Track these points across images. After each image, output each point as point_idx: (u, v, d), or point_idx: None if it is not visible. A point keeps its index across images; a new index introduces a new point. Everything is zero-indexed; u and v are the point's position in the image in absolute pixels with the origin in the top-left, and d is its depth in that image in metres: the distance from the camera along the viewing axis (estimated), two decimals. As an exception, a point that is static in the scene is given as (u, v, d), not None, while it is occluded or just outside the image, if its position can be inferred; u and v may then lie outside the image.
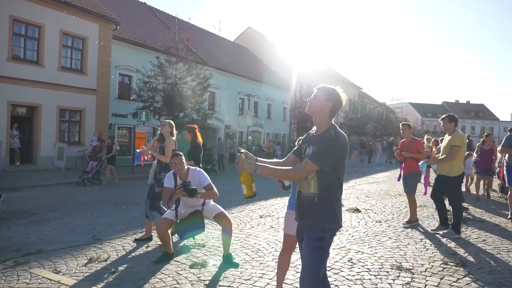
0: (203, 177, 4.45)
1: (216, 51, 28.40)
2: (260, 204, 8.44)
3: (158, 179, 5.26)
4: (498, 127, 74.27)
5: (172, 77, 16.75)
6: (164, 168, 5.26)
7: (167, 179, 4.46)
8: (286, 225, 3.34)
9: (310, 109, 2.44)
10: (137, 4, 25.91)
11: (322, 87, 2.46)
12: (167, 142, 5.30)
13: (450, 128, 5.80)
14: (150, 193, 5.28)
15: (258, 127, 29.88)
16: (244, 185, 2.37)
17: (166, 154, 5.20)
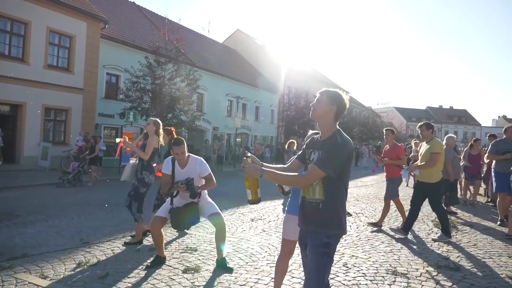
0: (204, 167, 4.30)
1: (205, 52, 28.27)
2: (251, 207, 8.34)
3: (140, 179, 5.10)
4: (480, 132, 75.79)
5: (161, 78, 16.57)
6: (146, 167, 5.12)
7: (165, 165, 4.27)
8: (285, 230, 3.28)
9: (314, 114, 2.39)
10: (126, 4, 25.62)
11: (324, 91, 2.41)
12: (149, 140, 5.13)
13: (427, 136, 5.86)
14: (135, 195, 5.13)
15: (246, 130, 29.82)
16: (249, 190, 2.30)
17: (147, 151, 5.06)
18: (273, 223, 6.81)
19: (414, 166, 5.88)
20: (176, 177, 4.20)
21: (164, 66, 16.77)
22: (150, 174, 5.19)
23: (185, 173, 4.18)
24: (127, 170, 5.34)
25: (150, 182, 5.21)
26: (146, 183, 5.13)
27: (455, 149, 17.50)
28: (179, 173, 4.20)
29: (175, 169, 4.22)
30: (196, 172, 4.24)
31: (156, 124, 5.26)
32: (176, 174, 4.21)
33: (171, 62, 16.99)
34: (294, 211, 3.25)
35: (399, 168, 6.43)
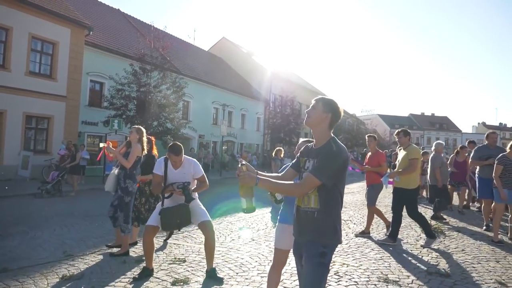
0: (198, 169, 4.23)
1: (191, 60, 28.17)
2: (238, 215, 8.26)
3: (123, 188, 4.98)
4: (461, 138, 77.41)
5: (146, 85, 16.40)
6: (129, 176, 5.00)
7: (158, 165, 4.16)
8: (278, 239, 3.21)
9: (309, 121, 2.35)
10: (111, 11, 25.38)
11: (320, 98, 2.39)
12: (133, 148, 5.01)
13: (405, 142, 5.93)
14: (121, 204, 4.99)
15: (232, 137, 29.72)
16: (244, 199, 2.23)
17: (130, 159, 4.94)
18: (262, 231, 6.73)
19: (395, 172, 5.90)
20: (169, 177, 4.09)
21: (149, 74, 16.60)
22: (134, 183, 5.09)
23: (178, 174, 4.08)
24: (111, 180, 5.19)
25: (134, 190, 5.11)
26: (130, 192, 5.02)
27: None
28: (172, 174, 4.09)
29: (167, 169, 4.10)
30: (190, 173, 4.15)
31: (139, 132, 5.15)
32: (168, 175, 4.09)
33: (156, 70, 16.85)
34: (286, 220, 3.20)
35: (379, 174, 6.45)
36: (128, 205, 5.02)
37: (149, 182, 5.50)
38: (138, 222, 5.50)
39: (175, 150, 4.03)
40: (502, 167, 5.91)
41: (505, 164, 5.89)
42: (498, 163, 5.95)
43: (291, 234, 3.22)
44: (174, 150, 4.03)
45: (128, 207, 5.04)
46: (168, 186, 4.00)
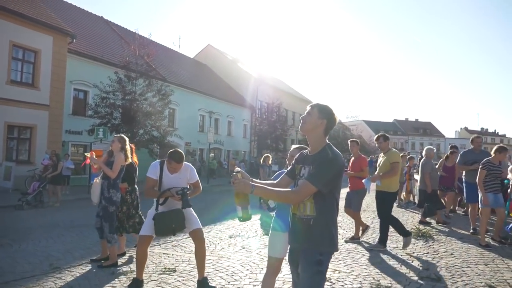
0: (194, 174, 4.18)
1: (176, 67, 28.08)
2: (228, 223, 8.20)
3: (107, 197, 4.88)
4: (444, 143, 78.90)
5: (131, 93, 16.25)
6: (113, 185, 4.91)
7: (153, 168, 4.05)
8: (271, 247, 3.18)
9: (304, 128, 2.35)
10: (94, 18, 25.15)
11: (315, 104, 2.39)
12: (116, 157, 4.91)
13: (385, 147, 6.00)
14: (105, 215, 4.89)
15: (219, 144, 29.64)
16: (240, 207, 2.20)
17: (114, 169, 4.85)
18: (252, 239, 6.68)
19: (376, 176, 5.92)
20: (164, 182, 4.00)
21: (134, 81, 16.47)
22: (118, 192, 5.00)
23: (174, 178, 4.01)
24: (97, 191, 5.07)
25: (118, 200, 5.02)
26: (114, 201, 4.94)
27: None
28: (168, 179, 4.01)
29: (163, 174, 4.02)
30: (185, 178, 4.09)
31: (121, 140, 5.06)
32: (164, 180, 4.01)
33: (142, 77, 16.73)
34: (280, 228, 3.18)
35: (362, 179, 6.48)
36: (112, 215, 4.93)
37: (130, 190, 5.46)
38: (122, 232, 5.40)
39: (177, 158, 3.95)
40: (486, 172, 5.98)
41: (488, 169, 5.98)
42: (482, 168, 6.04)
43: (284, 242, 3.20)
44: (177, 158, 3.94)
45: (113, 217, 4.94)
46: (166, 191, 3.91)
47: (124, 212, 5.39)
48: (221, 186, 19.18)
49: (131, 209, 5.43)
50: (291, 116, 41.12)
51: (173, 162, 3.93)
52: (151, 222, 3.95)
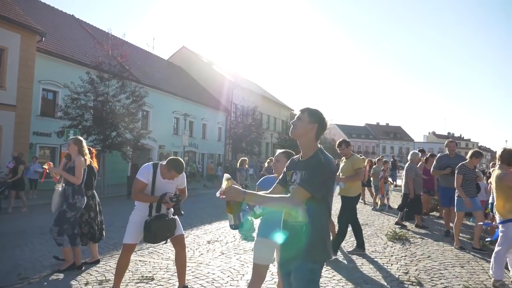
0: (183, 179, 4.05)
1: (150, 69, 27.56)
2: (205, 228, 8.05)
3: (71, 203, 4.67)
4: (413, 147, 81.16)
5: (104, 95, 15.79)
6: (78, 191, 4.71)
7: (145, 171, 3.82)
8: (257, 254, 3.10)
9: (295, 133, 2.28)
10: (65, 17, 24.29)
11: (305, 108, 2.33)
12: (76, 162, 4.69)
13: (347, 153, 6.01)
14: (59, 218, 4.68)
15: (193, 147, 29.27)
16: (231, 215, 2.10)
17: (77, 175, 4.64)
18: (231, 244, 6.56)
19: (339, 178, 5.85)
20: (156, 187, 3.82)
21: (107, 82, 16.01)
22: (82, 197, 4.80)
23: (166, 183, 3.84)
24: (56, 199, 4.82)
25: (82, 205, 4.81)
26: (77, 207, 4.73)
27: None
28: (160, 184, 3.82)
29: (156, 178, 3.82)
30: (176, 183, 3.94)
31: (77, 143, 4.83)
32: (156, 184, 3.82)
33: (115, 78, 16.28)
34: (266, 234, 3.10)
35: None
36: (67, 220, 4.70)
37: (91, 195, 5.21)
38: (94, 239, 5.19)
39: (180, 169, 3.78)
40: (462, 176, 6.07)
41: (464, 174, 6.06)
42: (458, 173, 6.10)
43: (270, 248, 3.14)
44: (180, 169, 3.77)
45: (68, 221, 4.71)
46: (162, 197, 3.73)
47: (92, 217, 5.18)
48: (197, 189, 18.90)
49: (91, 214, 5.19)
50: (266, 120, 41.23)
51: (173, 172, 3.75)
52: (137, 229, 3.78)
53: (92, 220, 5.18)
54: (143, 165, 3.93)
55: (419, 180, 8.21)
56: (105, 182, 15.92)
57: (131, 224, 3.84)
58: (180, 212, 3.76)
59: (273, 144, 40.89)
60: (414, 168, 8.10)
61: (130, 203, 14.35)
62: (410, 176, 7.98)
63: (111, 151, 16.21)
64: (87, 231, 5.14)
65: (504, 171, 4.44)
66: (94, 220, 5.19)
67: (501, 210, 4.43)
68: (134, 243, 3.85)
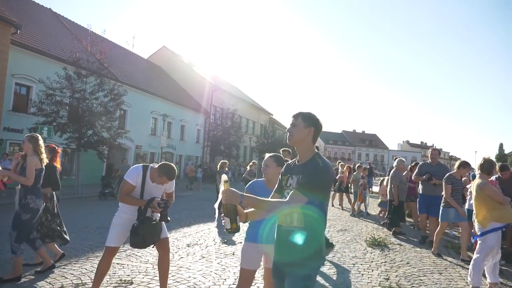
0: (172, 184, 3.90)
1: (129, 67, 27.06)
2: (184, 231, 7.91)
3: (23, 204, 4.37)
4: (388, 154, 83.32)
5: (81, 91, 15.35)
6: (31, 191, 4.39)
7: (134, 173, 3.65)
8: (244, 259, 3.03)
9: (293, 139, 2.25)
10: (41, 10, 23.53)
11: (298, 114, 2.28)
12: (28, 161, 4.36)
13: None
14: (16, 222, 4.38)
15: (171, 149, 28.88)
16: (228, 218, 2.03)
17: (28, 175, 4.31)
18: (211, 248, 6.46)
19: None
20: (145, 190, 3.68)
21: (85, 79, 15.58)
22: (37, 198, 4.46)
23: (154, 187, 3.70)
24: (17, 200, 4.57)
25: (37, 207, 4.47)
26: (31, 208, 4.39)
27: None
28: (149, 187, 3.68)
29: (145, 181, 3.67)
30: (164, 187, 3.80)
31: (32, 140, 4.47)
32: (145, 188, 3.68)
33: (93, 75, 15.86)
34: (253, 239, 3.04)
35: None
36: (24, 223, 4.38)
37: (51, 197, 5.00)
38: (53, 239, 4.99)
39: (172, 176, 3.65)
40: (451, 186, 6.03)
41: (452, 183, 6.04)
42: (446, 183, 6.07)
43: (258, 253, 3.08)
44: (171, 176, 3.64)
45: (25, 226, 4.40)
46: (150, 201, 3.59)
47: (49, 219, 4.95)
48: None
49: (48, 216, 4.97)
50: (245, 123, 41.20)
51: (164, 178, 3.62)
52: (121, 232, 3.65)
53: (51, 222, 4.95)
54: (132, 167, 3.79)
55: (403, 187, 8.32)
56: (79, 182, 15.45)
57: (115, 227, 3.69)
58: (166, 219, 3.64)
59: (252, 148, 40.89)
60: (399, 175, 8.20)
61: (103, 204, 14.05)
62: (394, 183, 8.08)
63: (86, 150, 15.77)
64: (45, 233, 4.90)
65: (484, 181, 4.54)
66: (54, 222, 4.97)
67: (480, 218, 4.53)
68: (117, 246, 3.71)
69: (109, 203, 12.53)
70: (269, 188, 3.04)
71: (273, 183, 3.07)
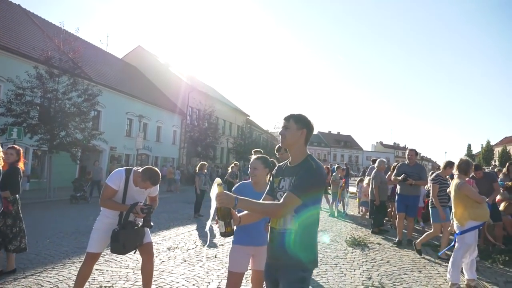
0: (156, 188, 3.80)
1: (103, 67, 26.42)
2: (163, 234, 7.77)
3: None
4: (362, 155, 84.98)
5: (53, 91, 14.85)
6: None
7: (116, 177, 3.54)
8: (232, 262, 2.98)
9: (286, 143, 2.23)
10: (9, 6, 22.62)
11: (290, 116, 2.26)
12: None
13: (286, 157, 5.90)
14: None
15: (147, 150, 28.38)
16: (223, 222, 1.99)
17: None
18: (192, 251, 6.36)
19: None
20: (128, 195, 3.56)
21: (57, 79, 15.08)
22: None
23: (138, 191, 3.60)
24: None
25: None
26: None
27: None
28: (132, 191, 3.57)
29: (128, 185, 3.56)
30: (147, 191, 3.69)
31: None
32: (128, 192, 3.57)
33: (65, 75, 15.37)
34: (241, 241, 3.01)
35: None
36: None
37: (13, 201, 4.68)
38: (5, 248, 4.64)
39: (156, 181, 3.55)
40: (438, 186, 6.09)
41: (440, 183, 6.11)
42: (434, 182, 6.13)
43: (246, 255, 3.04)
44: (156, 181, 3.54)
45: None
46: (133, 207, 3.48)
47: (8, 225, 4.60)
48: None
49: (17, 221, 4.70)
50: (222, 124, 41.01)
51: (148, 183, 3.51)
52: (103, 237, 3.53)
53: (8, 228, 4.60)
54: (114, 170, 3.67)
55: (384, 187, 8.47)
56: (51, 185, 14.93)
57: (96, 232, 3.56)
58: (150, 224, 3.55)
59: (229, 149, 40.77)
60: (380, 175, 8.33)
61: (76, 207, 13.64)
62: (375, 184, 8.22)
63: (58, 151, 15.27)
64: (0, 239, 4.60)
65: (462, 181, 4.67)
66: (9, 228, 4.62)
67: (458, 217, 4.66)
68: (99, 252, 3.58)
69: (81, 207, 12.17)
70: (256, 190, 3.01)
71: (260, 185, 3.05)
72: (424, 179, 7.51)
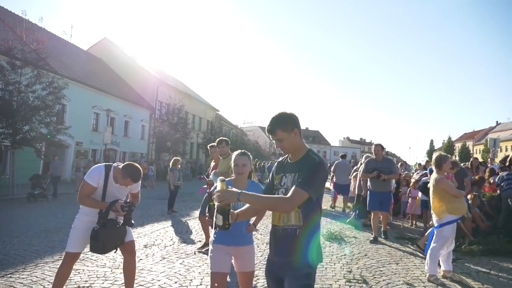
0: (138, 185, 3.68)
1: (68, 59, 25.33)
2: (138, 231, 7.57)
3: None
4: (330, 151, 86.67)
5: (15, 84, 14.08)
6: None
7: (95, 174, 3.42)
8: (214, 262, 2.87)
9: (286, 151, 2.23)
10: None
11: (273, 126, 2.18)
12: None
13: (226, 152, 5.95)
14: None
15: (115, 145, 27.56)
16: (222, 216, 1.96)
17: None
18: (170, 248, 6.24)
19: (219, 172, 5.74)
20: (108, 192, 3.42)
21: (20, 71, 14.30)
22: None
23: (118, 188, 3.46)
24: None
25: None
26: None
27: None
28: (112, 188, 3.44)
29: (108, 182, 3.42)
30: (129, 188, 3.56)
31: None
32: (108, 189, 3.43)
33: (28, 66, 14.62)
34: (223, 240, 2.92)
35: None
36: None
37: None
38: None
39: (137, 178, 3.43)
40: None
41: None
42: None
43: (227, 255, 2.96)
44: (136, 178, 3.42)
45: None
46: (112, 204, 3.33)
47: None
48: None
49: None
50: (192, 119, 40.50)
51: (128, 180, 3.39)
52: (83, 236, 3.38)
53: None
54: (93, 167, 3.52)
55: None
56: (14, 182, 14.21)
57: (75, 231, 3.41)
58: (130, 222, 3.45)
59: (199, 144, 40.35)
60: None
61: (40, 205, 13.10)
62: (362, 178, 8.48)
63: (21, 147, 14.53)
64: None
65: (441, 176, 4.83)
66: None
67: (436, 211, 4.83)
68: (79, 252, 3.42)
69: (49, 204, 11.66)
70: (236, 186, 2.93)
71: (242, 182, 3.03)
72: (395, 172, 7.65)
